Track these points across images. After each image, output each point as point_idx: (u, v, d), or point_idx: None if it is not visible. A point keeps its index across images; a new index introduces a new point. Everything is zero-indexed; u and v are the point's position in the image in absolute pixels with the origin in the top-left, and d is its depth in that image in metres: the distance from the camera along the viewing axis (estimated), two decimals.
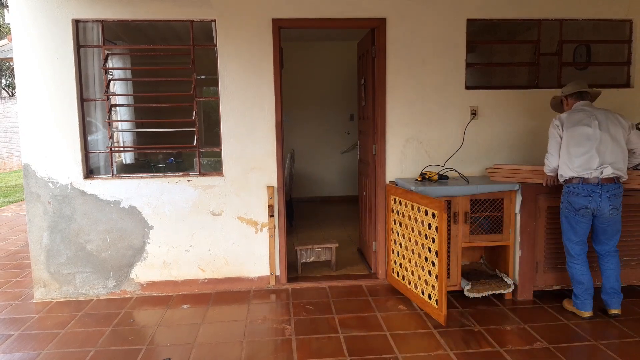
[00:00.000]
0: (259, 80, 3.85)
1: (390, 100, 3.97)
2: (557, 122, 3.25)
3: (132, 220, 3.86)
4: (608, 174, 3.12)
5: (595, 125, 3.14)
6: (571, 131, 3.17)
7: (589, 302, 3.28)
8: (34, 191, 3.77)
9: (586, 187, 3.14)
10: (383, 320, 3.33)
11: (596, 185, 3.12)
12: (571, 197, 3.21)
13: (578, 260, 3.29)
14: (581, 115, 3.20)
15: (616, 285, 3.30)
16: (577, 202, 3.18)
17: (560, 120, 3.24)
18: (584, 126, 3.15)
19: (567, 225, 3.29)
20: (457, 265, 3.62)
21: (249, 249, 3.98)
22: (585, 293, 3.28)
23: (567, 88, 3.37)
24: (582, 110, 3.24)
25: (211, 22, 3.85)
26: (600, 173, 3.11)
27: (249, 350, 2.95)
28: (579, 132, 3.15)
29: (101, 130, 4.04)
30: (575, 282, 3.31)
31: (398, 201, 3.75)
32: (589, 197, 3.14)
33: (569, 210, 3.24)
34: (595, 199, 3.13)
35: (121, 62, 4.55)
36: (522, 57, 5.32)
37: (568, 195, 3.23)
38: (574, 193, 3.19)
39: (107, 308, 3.67)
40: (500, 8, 3.94)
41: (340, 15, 3.85)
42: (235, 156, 3.91)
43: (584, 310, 3.30)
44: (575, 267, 3.30)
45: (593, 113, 3.20)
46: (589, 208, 3.16)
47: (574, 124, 3.18)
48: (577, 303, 3.32)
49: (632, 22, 4.11)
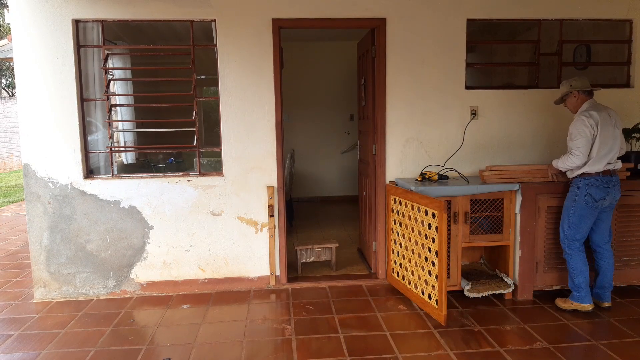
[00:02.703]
0: (259, 80, 3.86)
1: (390, 100, 3.97)
2: (592, 121, 3.22)
3: (132, 220, 3.86)
4: (618, 167, 3.31)
5: (614, 124, 3.27)
6: (603, 131, 3.22)
7: (589, 294, 3.35)
8: (34, 191, 3.77)
9: (606, 179, 3.27)
10: (383, 320, 3.33)
11: (611, 177, 3.28)
12: (591, 189, 3.26)
13: (581, 247, 3.34)
14: (605, 115, 3.26)
15: (611, 280, 3.42)
16: (598, 194, 3.26)
17: (594, 120, 3.22)
18: (610, 127, 3.25)
19: (578, 216, 3.30)
20: (457, 265, 3.62)
21: (249, 249, 3.98)
22: (586, 284, 3.33)
23: (578, 83, 3.34)
24: (602, 109, 3.29)
25: (211, 22, 3.85)
26: (613, 167, 3.28)
27: (249, 350, 2.95)
28: (608, 132, 3.24)
29: (101, 130, 4.04)
30: (577, 272, 3.33)
31: (398, 201, 3.75)
32: (607, 188, 3.26)
33: (587, 202, 3.27)
34: (611, 189, 3.28)
35: (121, 62, 4.54)
36: (522, 57, 5.32)
37: (588, 187, 3.27)
38: (595, 185, 3.26)
39: (107, 308, 3.67)
40: (500, 8, 3.94)
41: (340, 15, 3.85)
42: (235, 156, 3.91)
43: (587, 303, 3.33)
44: (578, 255, 3.32)
45: (609, 112, 3.29)
46: (606, 198, 3.27)
47: (604, 124, 3.23)
48: (580, 297, 3.34)
49: (632, 22, 4.11)
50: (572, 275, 3.36)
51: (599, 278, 3.43)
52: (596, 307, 3.42)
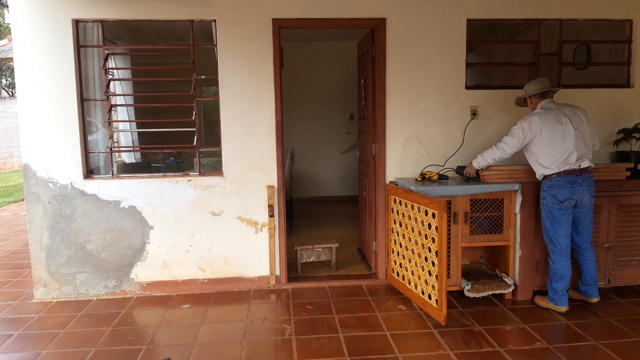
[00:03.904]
0: (259, 80, 3.86)
1: (391, 100, 3.97)
2: (527, 125, 3.29)
3: (132, 220, 3.86)
4: (585, 166, 3.26)
5: (567, 123, 3.25)
6: (548, 131, 3.24)
7: (566, 297, 3.39)
8: (34, 191, 3.77)
9: (568, 179, 3.24)
10: (383, 320, 3.33)
11: (576, 176, 3.24)
12: (554, 190, 3.27)
13: (565, 256, 3.34)
14: (553, 115, 3.27)
15: (595, 275, 3.44)
16: (562, 194, 3.24)
17: (533, 124, 3.27)
18: (559, 125, 3.24)
19: (552, 220, 3.32)
20: (457, 265, 3.62)
21: (249, 249, 3.98)
22: (562, 289, 3.37)
23: (530, 87, 3.43)
24: (551, 109, 3.31)
25: (211, 22, 3.85)
26: (579, 166, 3.24)
27: (249, 350, 2.95)
28: (556, 131, 3.23)
29: (101, 130, 4.04)
30: (557, 278, 3.36)
31: (398, 201, 3.75)
32: (571, 187, 3.24)
33: (553, 204, 3.29)
34: (577, 188, 3.24)
35: (121, 62, 4.54)
36: (522, 57, 5.32)
37: (551, 189, 3.28)
38: (557, 186, 3.26)
39: (107, 308, 3.67)
40: (500, 8, 3.94)
41: (340, 15, 3.85)
42: (235, 156, 3.91)
43: (562, 305, 3.38)
44: (561, 263, 3.34)
45: (561, 110, 3.29)
46: (572, 199, 3.25)
47: (550, 124, 3.24)
48: (556, 299, 3.39)
49: (632, 22, 4.11)
50: (552, 279, 3.40)
51: (583, 276, 3.45)
52: (584, 306, 3.46)
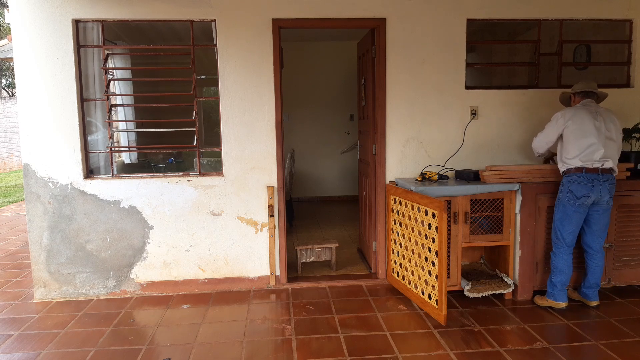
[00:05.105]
0: (259, 80, 3.86)
1: (390, 100, 3.97)
2: (560, 118, 3.34)
3: (132, 220, 3.86)
4: (608, 167, 3.26)
5: (600, 121, 3.27)
6: (578, 124, 3.26)
7: (565, 292, 3.41)
8: (34, 191, 3.77)
9: (588, 176, 3.25)
10: (383, 320, 3.33)
11: (597, 175, 3.25)
12: (573, 186, 3.28)
13: (567, 251, 3.37)
14: (586, 111, 3.31)
15: (599, 280, 3.45)
16: (579, 190, 3.26)
17: (565, 117, 3.32)
18: (592, 119, 3.26)
19: (563, 214, 3.34)
20: (457, 265, 3.62)
21: (249, 249, 3.98)
22: (562, 284, 3.39)
23: (576, 86, 3.46)
24: (587, 107, 3.35)
25: (211, 22, 3.85)
26: (602, 165, 3.25)
27: (249, 350, 2.95)
28: (586, 125, 3.25)
29: (101, 130, 4.04)
30: (557, 271, 3.38)
31: (398, 201, 3.75)
32: (591, 185, 3.25)
33: (569, 199, 3.30)
34: (596, 187, 3.25)
35: (121, 62, 4.55)
36: (522, 57, 5.32)
37: (570, 184, 3.30)
38: (576, 182, 3.27)
39: (107, 308, 3.67)
40: (500, 8, 3.94)
41: (340, 15, 3.85)
42: (235, 156, 3.91)
43: (561, 300, 3.40)
44: (562, 257, 3.37)
45: (598, 110, 3.33)
46: (589, 197, 3.26)
47: (581, 118, 3.27)
48: (555, 294, 3.41)
49: (632, 22, 4.11)
50: (552, 273, 3.43)
51: (587, 278, 3.46)
52: (584, 306, 3.47)
